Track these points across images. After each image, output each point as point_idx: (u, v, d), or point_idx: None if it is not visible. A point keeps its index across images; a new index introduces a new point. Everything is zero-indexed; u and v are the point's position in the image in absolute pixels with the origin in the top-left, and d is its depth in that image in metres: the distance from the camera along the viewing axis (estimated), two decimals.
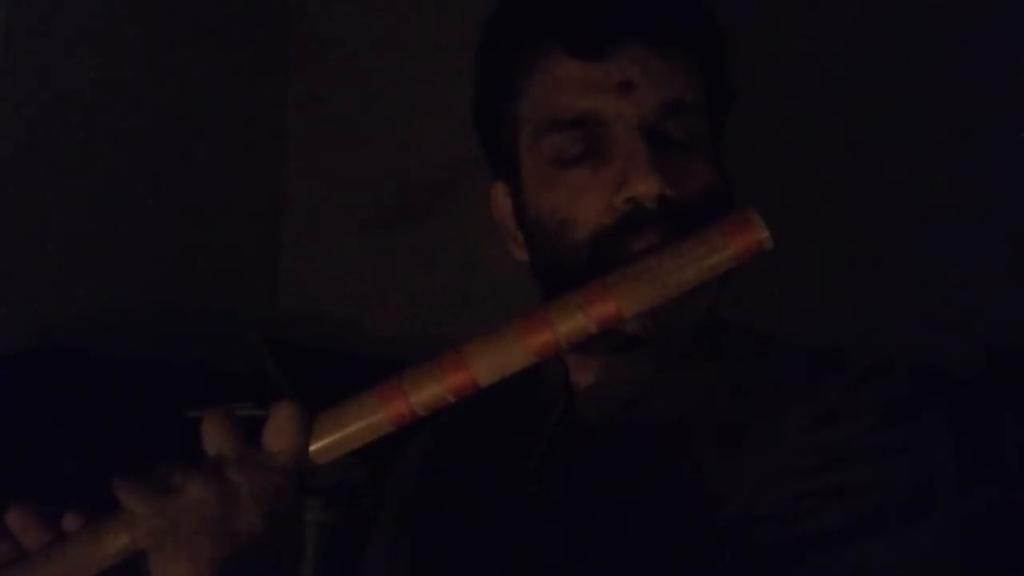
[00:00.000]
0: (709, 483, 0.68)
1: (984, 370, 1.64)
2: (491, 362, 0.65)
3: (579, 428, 0.76)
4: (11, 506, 0.62)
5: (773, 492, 0.65)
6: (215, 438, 0.62)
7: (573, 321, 0.65)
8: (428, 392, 0.65)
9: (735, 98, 0.79)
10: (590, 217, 0.71)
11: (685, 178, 0.70)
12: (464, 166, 0.85)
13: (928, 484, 0.66)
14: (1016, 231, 1.73)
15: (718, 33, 0.77)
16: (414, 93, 2.00)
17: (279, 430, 0.62)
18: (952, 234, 1.77)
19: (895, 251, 1.80)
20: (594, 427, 0.76)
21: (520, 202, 0.77)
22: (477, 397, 0.66)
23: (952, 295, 1.73)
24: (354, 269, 2.10)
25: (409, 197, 2.06)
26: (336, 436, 0.64)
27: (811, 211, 1.78)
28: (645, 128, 0.70)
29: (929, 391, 0.70)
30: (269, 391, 1.69)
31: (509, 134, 0.77)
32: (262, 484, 0.60)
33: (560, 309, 0.66)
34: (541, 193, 0.74)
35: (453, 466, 0.85)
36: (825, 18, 1.86)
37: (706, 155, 0.73)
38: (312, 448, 0.64)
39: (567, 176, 0.72)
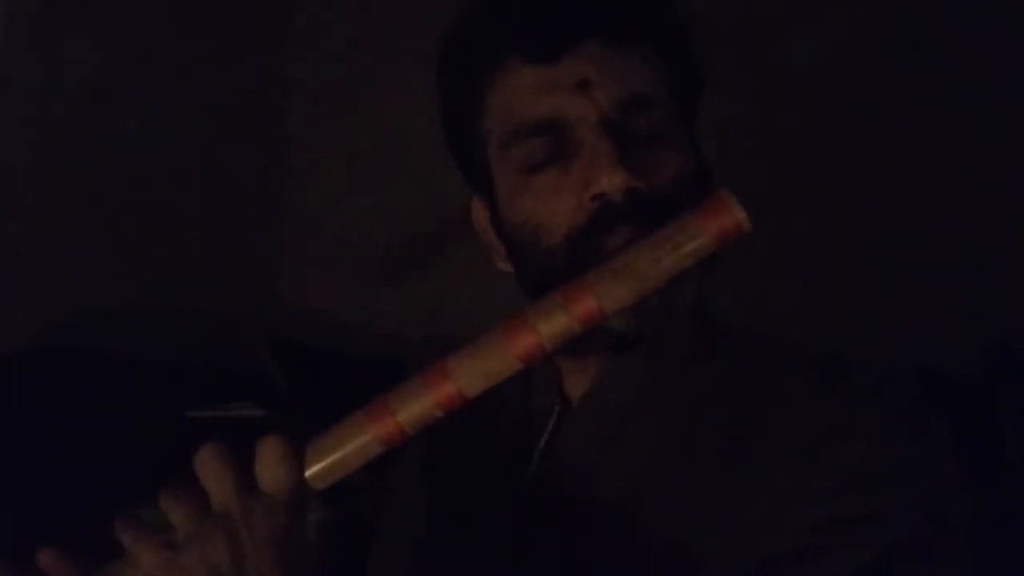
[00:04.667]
0: (711, 495, 0.67)
1: (984, 370, 1.63)
2: (476, 372, 0.64)
3: (575, 435, 0.76)
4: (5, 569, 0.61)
5: (784, 521, 0.64)
6: (213, 480, 0.60)
7: (556, 322, 0.64)
8: (415, 408, 0.64)
9: (703, 86, 0.78)
10: (562, 219, 0.70)
11: (654, 170, 0.70)
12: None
13: (941, 503, 0.65)
14: (1016, 231, 1.73)
15: (678, 23, 0.77)
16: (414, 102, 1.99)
17: (272, 468, 0.61)
18: (951, 234, 1.77)
19: (894, 251, 1.80)
20: (590, 434, 0.75)
21: (496, 214, 0.77)
22: (474, 401, 0.65)
23: (952, 295, 1.72)
24: (357, 269, 2.10)
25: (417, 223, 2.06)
26: (327, 463, 0.63)
27: (810, 210, 1.78)
28: (607, 125, 0.70)
29: (929, 392, 0.70)
30: (269, 391, 1.69)
31: (478, 149, 0.77)
32: (269, 527, 0.60)
33: (541, 311, 0.65)
34: (513, 202, 0.73)
35: (451, 471, 0.84)
36: (825, 18, 1.86)
37: (676, 146, 0.73)
38: (307, 475, 0.63)
39: (535, 182, 0.72)
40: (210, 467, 0.61)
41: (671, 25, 0.76)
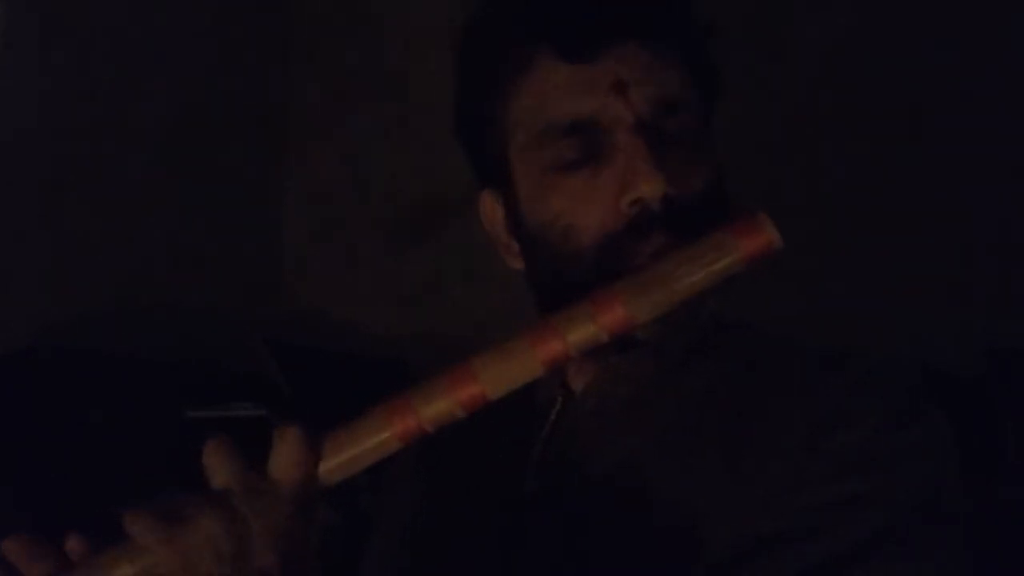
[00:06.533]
0: (713, 486, 0.67)
1: (984, 370, 1.63)
2: (501, 375, 0.64)
3: (577, 428, 0.76)
4: (7, 537, 0.60)
5: (782, 504, 0.64)
6: (220, 470, 0.60)
7: (584, 331, 0.64)
8: (438, 407, 0.64)
9: (720, 91, 0.78)
10: (595, 222, 0.70)
11: (686, 176, 0.70)
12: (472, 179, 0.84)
13: (937, 489, 0.65)
14: (1016, 231, 1.73)
15: (704, 29, 0.77)
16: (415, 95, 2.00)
17: (286, 458, 0.61)
18: (952, 234, 1.77)
19: (895, 251, 1.80)
20: (592, 427, 0.75)
21: (514, 211, 0.76)
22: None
23: (952, 295, 1.72)
24: (356, 269, 2.10)
25: (415, 205, 2.06)
26: (345, 457, 0.63)
27: (811, 210, 1.78)
28: (643, 127, 0.69)
29: (929, 389, 0.70)
30: (269, 391, 1.69)
31: (497, 142, 0.76)
32: (274, 516, 0.59)
33: (570, 319, 0.65)
34: (540, 201, 0.72)
35: (451, 465, 0.84)
36: (827, 18, 1.86)
37: (703, 151, 0.73)
38: (321, 470, 0.63)
39: (567, 182, 0.71)
40: (216, 456, 0.60)
41: (699, 31, 0.76)
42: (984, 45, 1.76)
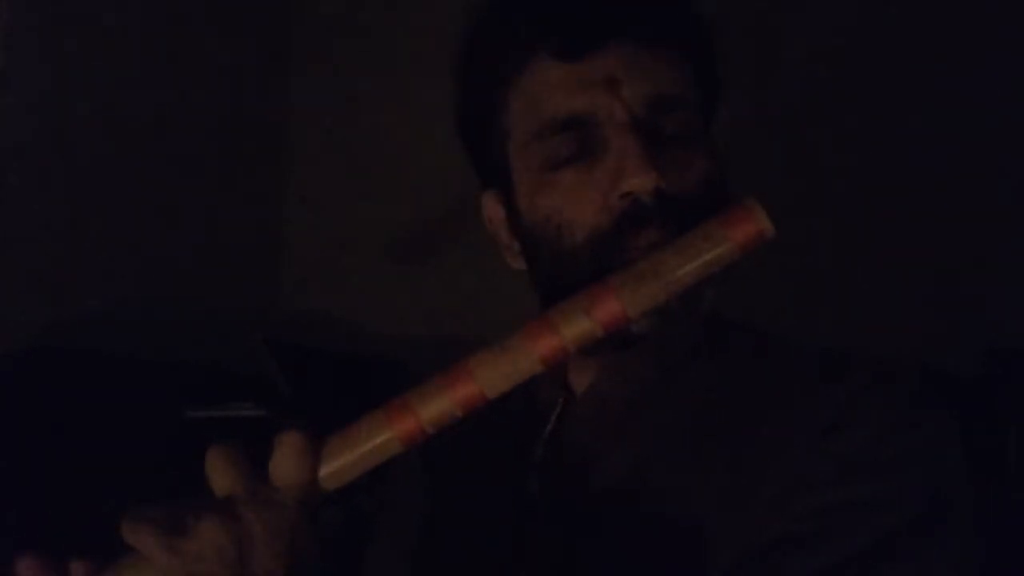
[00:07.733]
0: (716, 488, 0.67)
1: (984, 370, 1.63)
2: (499, 373, 0.64)
3: (579, 426, 0.76)
4: (16, 562, 0.60)
5: (788, 507, 0.64)
6: (222, 477, 0.60)
7: (579, 326, 0.64)
8: (436, 408, 0.64)
9: (722, 90, 0.78)
10: (587, 218, 0.70)
11: (681, 171, 0.70)
12: (474, 185, 0.84)
13: (943, 490, 0.65)
14: (1017, 231, 1.73)
15: (703, 25, 0.77)
16: (418, 98, 2.00)
17: (287, 462, 0.61)
18: (952, 233, 1.77)
19: (895, 251, 1.80)
20: (595, 425, 0.75)
21: (513, 210, 0.76)
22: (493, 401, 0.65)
23: (952, 295, 1.72)
24: (356, 269, 2.10)
25: (418, 207, 2.06)
26: (346, 460, 0.63)
27: (811, 210, 1.78)
28: (635, 124, 0.70)
29: (930, 386, 0.70)
30: (269, 391, 1.69)
31: (497, 143, 0.77)
32: (276, 522, 0.59)
33: (565, 315, 0.65)
34: (535, 198, 0.73)
35: (455, 467, 0.84)
36: (827, 16, 1.86)
37: (700, 147, 0.73)
38: (322, 475, 0.63)
39: (560, 178, 0.71)
40: (218, 463, 0.60)
41: (697, 27, 0.76)
42: (984, 45, 1.76)
